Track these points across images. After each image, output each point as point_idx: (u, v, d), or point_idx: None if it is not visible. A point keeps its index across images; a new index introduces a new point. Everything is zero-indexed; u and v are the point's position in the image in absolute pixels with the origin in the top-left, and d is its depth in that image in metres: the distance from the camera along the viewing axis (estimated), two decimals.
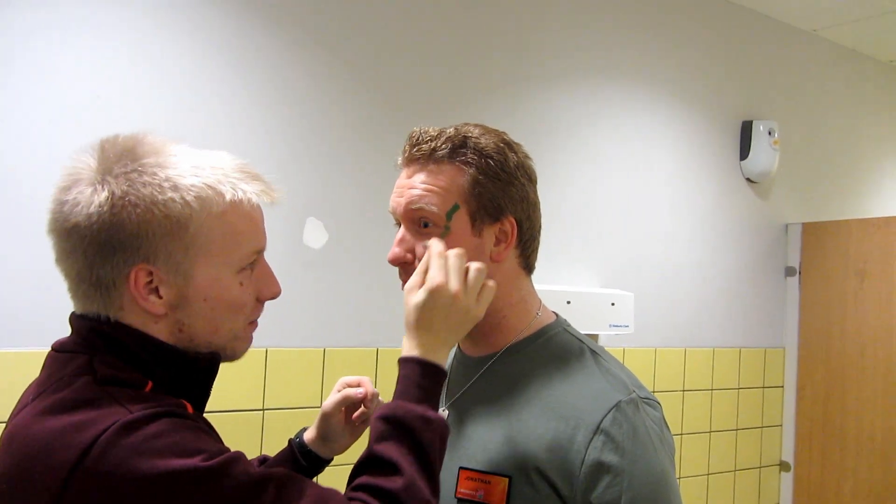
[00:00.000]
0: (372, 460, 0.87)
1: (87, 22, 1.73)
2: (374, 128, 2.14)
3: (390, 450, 0.86)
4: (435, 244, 0.97)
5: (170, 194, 0.83)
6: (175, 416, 0.80)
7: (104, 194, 0.82)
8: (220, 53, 1.90)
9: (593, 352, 1.05)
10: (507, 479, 0.96)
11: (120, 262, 0.84)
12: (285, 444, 1.16)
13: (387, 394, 1.12)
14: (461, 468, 1.00)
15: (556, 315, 1.12)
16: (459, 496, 0.99)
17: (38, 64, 1.68)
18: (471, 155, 1.01)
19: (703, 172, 2.91)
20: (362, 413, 1.13)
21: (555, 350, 1.05)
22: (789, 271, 3.14)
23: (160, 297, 0.85)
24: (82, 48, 1.73)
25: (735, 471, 2.93)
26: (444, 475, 0.93)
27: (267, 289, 0.94)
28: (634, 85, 2.72)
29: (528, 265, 1.09)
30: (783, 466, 3.08)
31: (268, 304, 0.96)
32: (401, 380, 0.93)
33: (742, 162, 3.01)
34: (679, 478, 2.84)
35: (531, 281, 1.11)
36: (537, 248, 1.10)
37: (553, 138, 2.50)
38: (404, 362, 0.94)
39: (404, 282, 1.06)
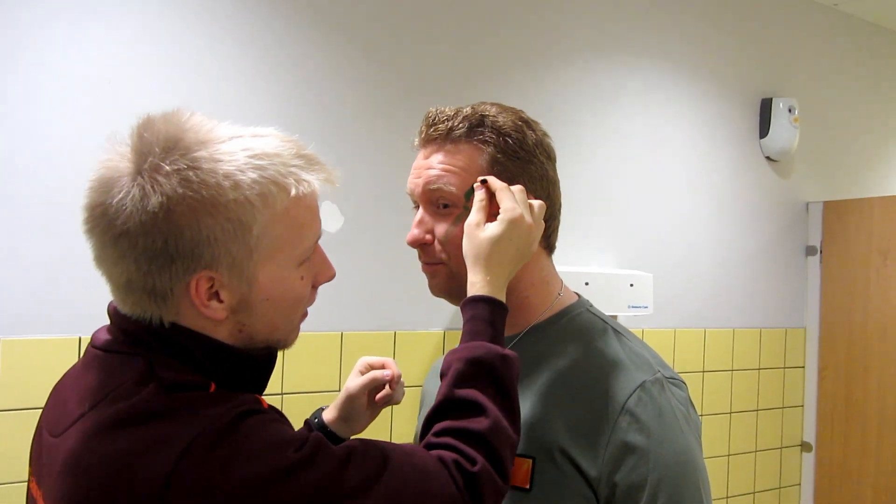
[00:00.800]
0: (454, 403, 0.85)
1: (95, 7, 1.72)
2: (389, 108, 2.12)
3: (472, 391, 0.85)
4: (494, 179, 0.97)
5: (232, 195, 0.76)
6: (255, 414, 0.77)
7: (157, 198, 0.74)
8: (230, 35, 1.89)
9: (616, 332, 1.04)
10: (530, 460, 0.95)
11: (179, 271, 0.76)
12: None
13: (408, 376, 1.11)
14: None
15: (579, 295, 1.11)
16: None
17: (47, 51, 1.67)
18: (489, 133, 1.00)
19: (723, 151, 2.87)
20: (386, 395, 1.12)
21: (578, 330, 1.04)
22: (810, 250, 3.10)
23: (221, 302, 0.80)
24: (91, 34, 1.72)
25: (756, 451, 2.92)
26: None
27: (323, 274, 0.90)
28: (652, 63, 2.68)
29: (548, 245, 1.08)
30: (804, 447, 3.05)
31: None
32: (470, 320, 0.92)
33: (762, 140, 2.97)
34: None
35: (552, 261, 1.10)
36: (558, 228, 1.09)
37: (569, 117, 2.47)
38: (473, 302, 0.92)
39: (424, 262, 1.05)
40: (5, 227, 1.63)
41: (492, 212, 0.96)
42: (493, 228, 0.93)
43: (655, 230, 2.67)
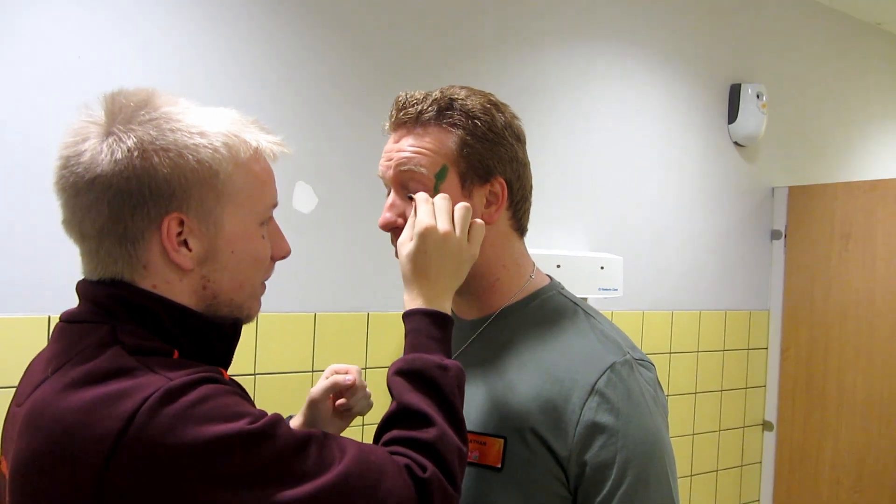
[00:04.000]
0: (400, 413, 0.87)
1: None
2: (363, 90, 2.11)
3: (417, 401, 0.86)
4: (420, 194, 0.98)
5: (200, 140, 0.81)
6: (214, 382, 0.78)
7: (132, 140, 0.79)
8: (204, 14, 1.86)
9: (587, 314, 1.06)
10: (502, 440, 0.97)
11: (151, 212, 0.80)
12: (278, 409, 1.15)
13: (381, 357, 1.12)
14: None
15: (551, 278, 1.12)
16: None
17: (18, 26, 1.63)
18: (458, 116, 1.01)
19: (691, 136, 2.90)
20: (342, 404, 1.10)
21: (549, 312, 1.05)
22: (775, 234, 3.16)
23: (189, 251, 0.83)
24: (62, 9, 1.68)
25: (719, 431, 2.99)
26: None
27: (279, 248, 0.93)
28: (622, 47, 2.69)
29: (520, 227, 1.09)
30: (766, 426, 3.14)
31: None
32: (409, 333, 0.93)
33: (730, 125, 3.01)
34: None
35: (524, 243, 1.11)
36: (529, 210, 1.10)
37: (540, 101, 2.48)
38: (409, 316, 0.94)
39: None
40: None
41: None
42: (408, 245, 0.95)
43: (626, 214, 2.70)
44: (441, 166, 1.00)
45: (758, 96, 2.96)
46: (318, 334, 2.03)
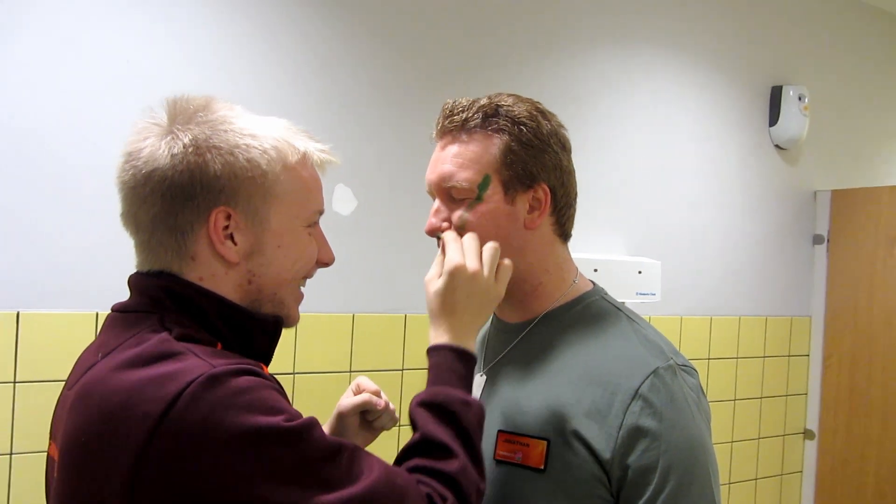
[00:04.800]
0: (424, 444, 0.88)
1: None
2: (403, 93, 2.12)
3: (441, 434, 0.88)
4: (448, 233, 1.00)
5: (251, 142, 0.86)
6: (255, 375, 0.79)
7: (188, 138, 0.84)
8: (250, 18, 1.90)
9: (630, 318, 1.06)
10: (545, 442, 0.97)
11: (200, 205, 0.84)
12: (315, 408, 1.16)
13: (417, 358, 1.13)
14: (499, 431, 1.01)
15: (593, 283, 1.12)
16: (498, 458, 1.00)
17: (70, 31, 1.68)
18: (503, 122, 1.01)
19: (732, 139, 2.87)
20: (370, 418, 1.11)
21: (592, 316, 1.05)
22: (817, 239, 3.11)
23: (235, 244, 0.86)
24: (113, 14, 1.73)
25: (759, 438, 2.94)
26: (483, 439, 0.94)
27: (324, 254, 0.96)
28: (662, 50, 2.67)
29: (563, 233, 1.09)
30: (807, 434, 3.08)
31: None
32: (433, 367, 0.94)
33: (771, 128, 2.96)
34: None
35: (567, 249, 1.11)
36: (573, 217, 1.11)
37: (579, 105, 2.47)
38: (434, 351, 0.95)
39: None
40: (25, 202, 1.65)
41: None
42: (437, 282, 0.96)
43: (664, 218, 2.68)
44: (484, 177, 1.00)
45: (800, 98, 2.92)
46: (356, 335, 2.05)
